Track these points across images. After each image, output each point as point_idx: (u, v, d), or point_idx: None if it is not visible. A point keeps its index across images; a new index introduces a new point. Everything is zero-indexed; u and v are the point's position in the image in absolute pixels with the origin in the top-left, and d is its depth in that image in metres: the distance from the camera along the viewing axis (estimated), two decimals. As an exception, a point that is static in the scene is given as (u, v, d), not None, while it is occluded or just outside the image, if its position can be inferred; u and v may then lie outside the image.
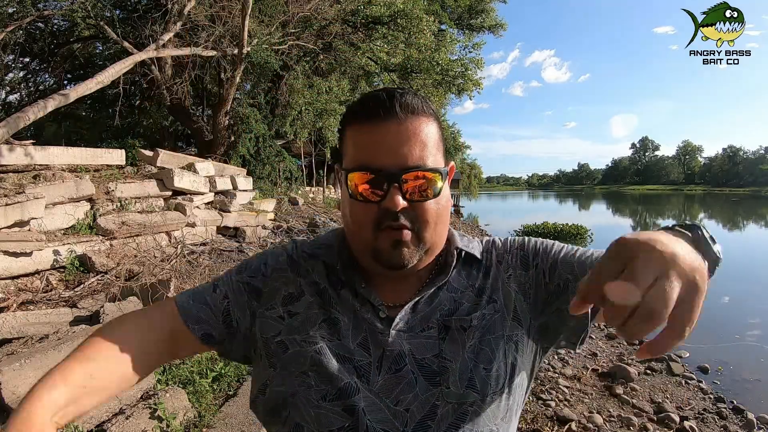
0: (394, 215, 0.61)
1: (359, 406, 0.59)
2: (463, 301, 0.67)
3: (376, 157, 0.61)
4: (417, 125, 0.62)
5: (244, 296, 0.70)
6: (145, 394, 2.33)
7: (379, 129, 0.61)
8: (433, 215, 0.63)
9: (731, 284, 8.53)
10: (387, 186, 0.60)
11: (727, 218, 27.49)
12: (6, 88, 11.38)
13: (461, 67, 12.32)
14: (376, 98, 0.62)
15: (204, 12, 8.80)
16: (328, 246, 0.74)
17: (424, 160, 0.61)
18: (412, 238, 0.63)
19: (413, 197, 0.62)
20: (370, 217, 0.63)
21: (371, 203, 0.62)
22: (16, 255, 3.46)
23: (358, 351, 0.64)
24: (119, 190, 4.97)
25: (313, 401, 0.61)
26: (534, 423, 2.96)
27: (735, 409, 3.54)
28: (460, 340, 0.64)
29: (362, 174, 0.62)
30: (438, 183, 0.63)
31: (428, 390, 0.60)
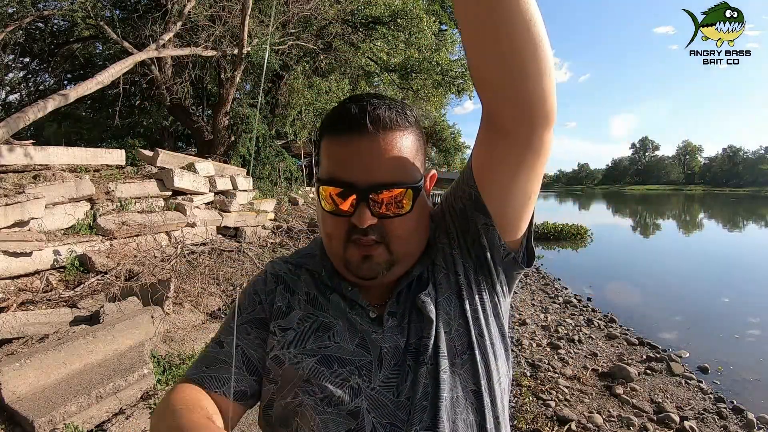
0: (363, 230, 0.61)
1: (362, 407, 0.60)
2: (422, 278, 0.69)
3: (347, 171, 0.61)
4: (389, 140, 0.61)
5: (253, 333, 0.70)
6: (145, 394, 2.33)
7: (350, 143, 0.61)
8: (404, 230, 0.64)
9: (731, 284, 8.53)
10: (356, 202, 0.61)
11: (727, 218, 27.50)
12: (6, 88, 11.39)
13: (461, 67, 12.31)
14: (347, 112, 0.61)
15: (204, 12, 8.80)
16: (311, 255, 0.75)
17: (396, 176, 0.61)
18: (381, 251, 0.64)
19: (383, 213, 0.62)
20: (341, 230, 0.63)
21: (341, 216, 0.63)
22: (16, 255, 3.46)
23: (357, 352, 0.65)
24: (119, 190, 4.97)
25: (319, 408, 0.61)
26: (534, 423, 2.96)
27: (735, 409, 3.53)
28: (426, 317, 0.66)
29: (332, 188, 0.62)
30: (410, 198, 0.62)
31: (417, 371, 0.62)
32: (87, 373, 2.31)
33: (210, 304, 3.88)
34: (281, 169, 10.57)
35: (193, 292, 3.90)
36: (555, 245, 13.87)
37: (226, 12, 8.71)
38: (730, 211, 34.13)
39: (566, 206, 47.43)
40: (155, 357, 2.78)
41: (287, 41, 9.89)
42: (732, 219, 26.87)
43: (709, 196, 69.47)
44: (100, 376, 2.27)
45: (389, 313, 0.67)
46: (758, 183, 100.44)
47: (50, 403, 2.02)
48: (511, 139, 0.59)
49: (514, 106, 0.56)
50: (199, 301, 3.80)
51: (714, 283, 8.75)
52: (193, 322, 3.52)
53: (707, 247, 15.02)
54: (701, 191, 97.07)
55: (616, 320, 5.88)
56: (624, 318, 6.02)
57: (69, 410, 2.01)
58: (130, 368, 2.36)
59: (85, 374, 2.29)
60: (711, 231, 20.69)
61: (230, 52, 8.78)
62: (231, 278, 4.50)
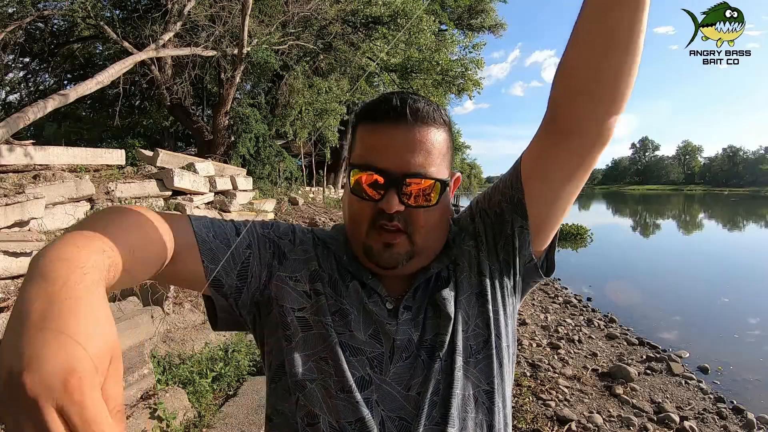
0: (389, 216, 0.63)
1: (372, 399, 0.61)
2: (441, 276, 0.70)
3: (381, 158, 0.63)
4: (425, 133, 0.63)
5: (267, 252, 0.68)
6: (145, 394, 2.33)
7: (388, 132, 0.63)
8: (428, 222, 0.65)
9: (731, 284, 8.53)
10: (386, 187, 0.62)
11: (726, 218, 27.49)
12: (6, 88, 11.38)
13: (461, 67, 12.33)
14: (389, 101, 0.64)
15: (204, 12, 8.80)
16: (335, 239, 0.75)
17: (427, 168, 0.63)
18: (403, 240, 0.64)
19: (411, 202, 0.63)
20: (366, 215, 0.64)
21: (369, 201, 0.64)
22: (16, 255, 3.45)
23: (369, 343, 0.65)
24: (119, 190, 4.97)
25: (331, 391, 0.61)
26: (534, 423, 2.96)
27: (735, 409, 3.54)
28: (444, 314, 0.66)
29: (365, 172, 0.63)
30: (437, 192, 0.64)
31: (430, 367, 0.63)
32: (87, 373, 2.31)
33: (210, 304, 3.89)
34: (281, 169, 10.57)
35: (193, 292, 3.90)
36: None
37: (226, 12, 8.71)
38: (729, 211, 34.12)
39: (566, 206, 47.29)
40: (155, 357, 2.78)
41: (287, 41, 9.88)
42: (732, 219, 26.86)
43: (709, 196, 69.45)
44: (100, 376, 2.27)
45: (405, 306, 0.67)
46: (758, 183, 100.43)
47: (50, 403, 2.02)
48: (582, 138, 0.60)
49: (604, 103, 0.58)
50: (199, 301, 3.80)
51: (714, 283, 8.75)
52: (193, 322, 3.52)
53: (707, 247, 15.02)
54: (701, 191, 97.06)
55: (616, 320, 5.88)
56: (624, 318, 6.02)
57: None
58: (130, 368, 2.35)
59: (85, 374, 2.29)
60: (711, 231, 20.68)
61: (230, 52, 8.78)
62: (231, 278, 4.50)
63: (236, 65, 8.78)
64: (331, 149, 15.13)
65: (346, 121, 18.40)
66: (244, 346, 3.25)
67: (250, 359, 3.12)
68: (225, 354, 3.07)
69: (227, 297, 0.65)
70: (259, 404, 2.55)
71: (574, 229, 15.04)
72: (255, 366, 3.11)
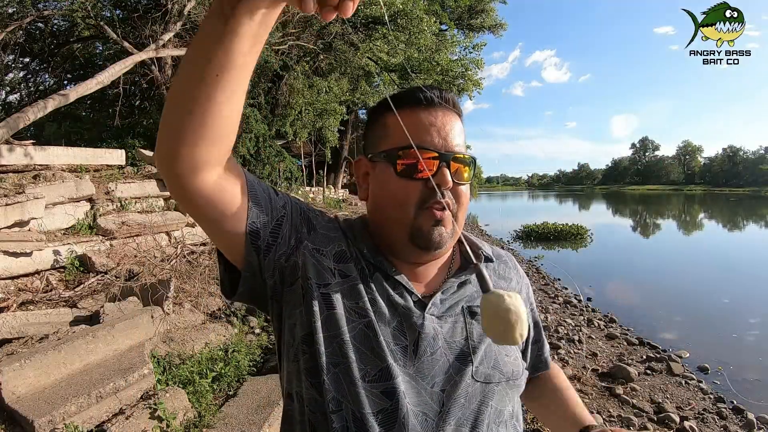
0: (441, 193, 0.64)
1: (399, 389, 0.60)
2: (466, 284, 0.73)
3: (429, 138, 0.66)
4: (455, 118, 0.70)
5: (298, 218, 0.69)
6: (145, 394, 2.33)
7: (429, 114, 0.68)
8: (466, 199, 0.70)
9: (731, 284, 8.53)
10: (440, 164, 0.66)
11: (726, 218, 27.49)
12: (6, 88, 11.37)
13: (461, 67, 12.33)
14: (425, 89, 0.69)
15: (204, 12, 8.78)
16: (355, 232, 0.74)
17: (462, 148, 0.69)
18: (448, 218, 0.67)
19: (456, 179, 0.68)
20: (415, 197, 0.66)
21: (417, 182, 0.65)
22: (16, 255, 3.45)
23: (394, 335, 0.64)
24: (119, 190, 4.97)
25: (354, 379, 0.60)
26: (534, 423, 2.95)
27: (735, 409, 3.53)
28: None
29: (412, 152, 0.65)
30: (470, 171, 0.70)
31: (460, 370, 0.64)
32: (87, 373, 2.31)
33: (210, 304, 3.88)
34: (281, 169, 10.57)
35: (193, 292, 3.90)
36: (555, 245, 13.86)
37: (226, 12, 8.69)
38: (729, 211, 34.12)
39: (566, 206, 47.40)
40: (155, 357, 2.78)
41: (287, 41, 9.88)
42: (732, 219, 26.86)
43: (709, 196, 69.43)
44: (100, 376, 2.27)
45: (434, 302, 0.68)
46: (758, 183, 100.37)
47: (50, 403, 2.02)
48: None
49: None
50: (199, 301, 3.80)
51: (714, 283, 8.75)
52: (193, 322, 3.52)
53: (707, 247, 15.02)
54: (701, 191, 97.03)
55: (616, 320, 5.88)
56: (624, 318, 6.02)
57: (69, 410, 2.00)
58: (130, 368, 2.35)
59: (85, 374, 2.29)
60: (711, 231, 20.68)
61: (230, 52, 8.76)
62: (231, 278, 4.50)
63: (236, 65, 8.76)
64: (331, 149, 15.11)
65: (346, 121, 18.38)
66: (244, 346, 3.25)
67: (250, 359, 3.12)
68: (225, 354, 3.07)
69: (259, 252, 0.63)
70: (259, 404, 2.55)
71: (574, 229, 15.03)
72: (255, 366, 3.11)
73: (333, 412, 0.60)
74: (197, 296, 3.86)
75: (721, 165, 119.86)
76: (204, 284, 4.13)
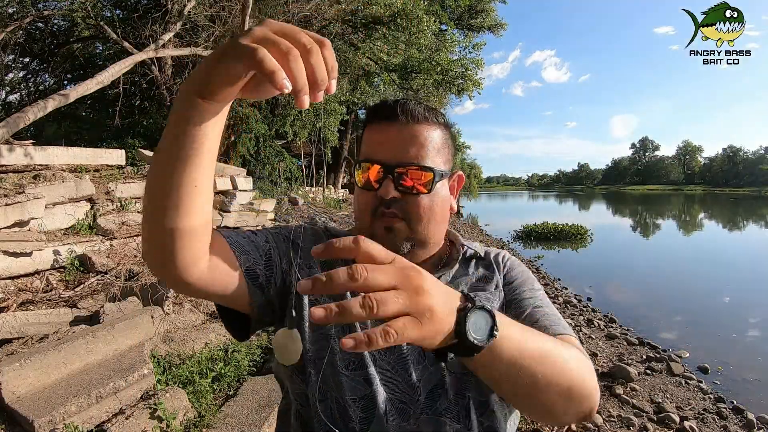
0: (387, 203, 0.69)
1: (377, 377, 0.65)
2: (461, 284, 0.76)
3: (378, 152, 0.71)
4: (417, 130, 0.70)
5: (282, 244, 0.73)
6: (145, 394, 2.33)
7: (384, 130, 0.71)
8: (423, 210, 0.70)
9: (731, 284, 8.53)
10: (384, 176, 0.69)
11: (726, 218, 27.49)
12: (6, 88, 11.38)
13: (461, 67, 12.31)
14: (385, 104, 0.72)
15: (204, 12, 8.80)
16: (348, 233, 0.80)
17: (420, 159, 0.70)
18: (403, 227, 0.70)
19: (405, 187, 0.69)
20: (370, 205, 0.71)
21: (370, 191, 0.70)
22: (16, 255, 3.45)
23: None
24: (119, 190, 4.97)
25: (338, 368, 0.65)
26: (534, 423, 2.95)
27: (735, 409, 3.53)
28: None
29: (365, 165, 0.71)
30: (430, 180, 0.70)
31: (435, 361, 0.66)
32: (87, 373, 2.31)
33: (210, 304, 3.88)
34: (281, 169, 10.57)
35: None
36: (555, 245, 13.87)
37: (226, 12, 8.71)
38: (729, 211, 34.11)
39: (566, 206, 47.40)
40: (155, 357, 2.78)
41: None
42: (732, 219, 26.86)
43: (710, 196, 69.43)
44: (100, 376, 2.27)
45: None
46: (758, 183, 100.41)
47: (50, 403, 2.02)
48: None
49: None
50: (199, 301, 3.80)
51: (714, 283, 8.75)
52: (193, 322, 3.52)
53: (707, 247, 15.02)
54: (701, 191, 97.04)
55: (616, 320, 5.88)
56: (624, 318, 6.03)
57: (69, 410, 2.00)
58: (130, 368, 2.35)
59: (85, 374, 2.29)
60: (711, 231, 20.68)
61: (230, 52, 8.76)
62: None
63: (236, 65, 8.76)
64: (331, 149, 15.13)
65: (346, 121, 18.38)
66: (244, 346, 3.24)
67: (250, 359, 3.11)
68: (225, 354, 3.07)
69: (263, 288, 0.68)
70: (259, 404, 2.55)
71: (574, 229, 15.04)
72: (255, 366, 3.11)
73: (320, 401, 0.66)
74: (197, 296, 3.86)
75: (721, 165, 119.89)
76: (204, 284, 4.13)
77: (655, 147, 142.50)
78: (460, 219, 22.71)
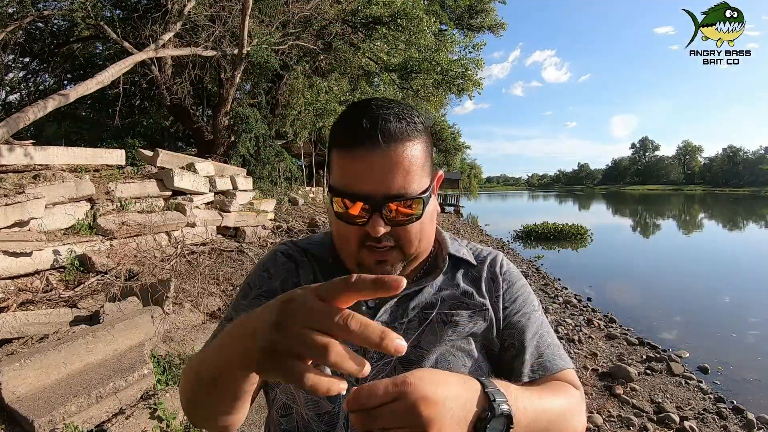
0: (377, 239, 0.63)
1: (342, 393, 0.61)
2: (445, 298, 0.71)
3: (360, 184, 0.61)
4: (401, 152, 0.62)
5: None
6: (145, 394, 2.33)
7: (363, 157, 0.61)
8: (416, 235, 0.66)
9: (731, 284, 8.53)
10: (371, 212, 0.62)
11: (726, 218, 27.49)
12: (6, 88, 11.37)
13: (461, 67, 12.30)
14: (358, 125, 0.61)
15: (204, 12, 8.79)
16: (322, 244, 0.78)
17: (407, 187, 0.62)
18: (395, 255, 0.66)
19: (396, 220, 0.63)
20: (355, 237, 0.65)
21: (356, 225, 0.64)
22: (16, 255, 3.45)
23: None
24: (119, 190, 4.97)
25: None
26: None
27: (735, 409, 3.54)
28: (439, 333, 0.68)
29: (346, 200, 0.63)
30: (420, 208, 0.64)
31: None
32: (87, 373, 2.31)
33: (210, 304, 3.88)
34: (281, 169, 10.56)
35: (193, 292, 3.90)
36: (555, 245, 13.87)
37: (226, 12, 8.70)
38: (729, 211, 34.12)
39: (566, 206, 47.40)
40: (155, 357, 2.78)
41: (287, 41, 9.88)
42: (732, 219, 26.86)
43: (710, 196, 69.43)
44: (100, 376, 2.27)
45: (386, 309, 0.69)
46: (758, 183, 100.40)
47: (50, 403, 2.02)
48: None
49: None
50: (199, 301, 3.80)
51: (714, 282, 8.75)
52: (193, 322, 3.52)
53: (707, 246, 15.02)
54: (701, 191, 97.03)
55: (616, 320, 5.88)
56: (624, 318, 6.03)
57: (69, 410, 2.00)
58: (130, 368, 2.35)
59: (85, 374, 2.29)
60: (711, 231, 20.68)
61: (230, 52, 8.77)
62: (231, 278, 4.50)
63: (236, 65, 8.77)
64: (331, 149, 15.04)
65: (346, 121, 18.33)
66: (244, 346, 3.24)
67: (250, 359, 3.12)
68: (225, 354, 3.07)
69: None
70: (258, 404, 2.55)
71: (574, 229, 15.04)
72: (255, 366, 3.11)
73: (284, 416, 0.66)
74: (197, 296, 3.86)
75: (721, 165, 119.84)
76: (204, 284, 4.13)
77: (655, 147, 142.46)
78: (460, 219, 22.70)
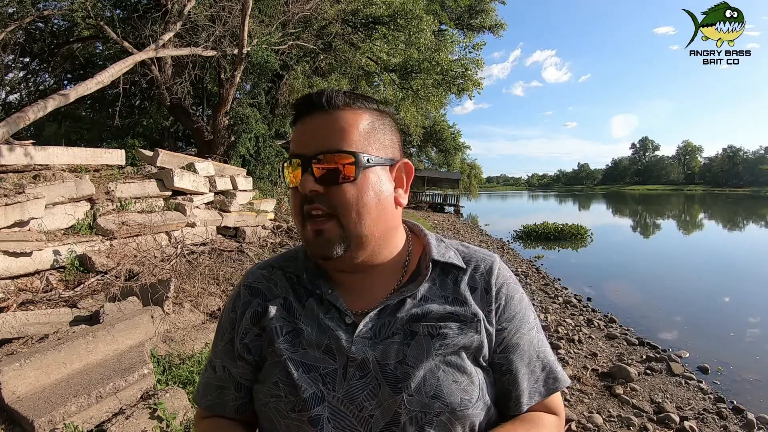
0: (310, 199, 0.63)
1: (323, 416, 0.60)
2: (432, 309, 0.65)
3: (298, 146, 0.65)
4: (337, 116, 0.64)
5: (234, 352, 0.72)
6: (145, 394, 2.33)
7: (307, 122, 0.65)
8: (350, 201, 0.62)
9: (731, 284, 8.54)
10: (302, 171, 0.63)
11: (726, 218, 27.49)
12: (6, 88, 11.38)
13: (461, 67, 12.31)
14: (308, 97, 0.66)
15: (204, 12, 8.80)
16: (294, 258, 0.75)
17: (341, 144, 0.62)
18: (332, 225, 0.63)
19: (325, 179, 0.62)
20: (297, 206, 0.65)
21: (295, 191, 0.65)
22: (16, 255, 3.45)
23: (323, 359, 0.64)
24: (119, 190, 4.97)
25: (283, 412, 0.62)
26: None
27: (735, 409, 3.53)
28: (426, 347, 0.62)
29: (287, 163, 0.66)
30: (354, 170, 0.61)
31: (391, 396, 0.59)
32: (87, 373, 2.31)
33: (210, 304, 3.88)
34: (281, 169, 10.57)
35: (193, 292, 3.90)
36: (555, 245, 13.87)
37: (226, 12, 8.70)
38: (729, 211, 34.12)
39: (566, 206, 47.39)
40: (155, 357, 2.78)
41: (287, 41, 9.88)
42: (731, 219, 26.86)
43: (709, 196, 69.43)
44: (100, 376, 2.27)
45: (366, 323, 0.65)
46: (758, 183, 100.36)
47: (50, 403, 2.02)
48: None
49: None
50: (199, 301, 3.80)
51: (714, 282, 8.75)
52: (193, 322, 3.52)
53: (707, 246, 15.02)
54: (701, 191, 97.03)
55: (616, 320, 5.88)
56: (624, 318, 6.03)
57: (69, 410, 2.00)
58: (130, 368, 2.35)
59: (85, 374, 2.29)
60: (711, 231, 20.68)
61: (230, 52, 8.77)
62: (231, 278, 4.50)
63: (236, 65, 8.77)
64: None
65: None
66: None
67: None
68: (225, 354, 3.06)
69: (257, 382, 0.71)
70: (259, 404, 2.55)
71: (574, 229, 15.04)
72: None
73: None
74: (197, 296, 3.86)
75: (721, 165, 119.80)
76: (204, 284, 4.13)
77: (655, 147, 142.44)
78: (460, 219, 22.68)
